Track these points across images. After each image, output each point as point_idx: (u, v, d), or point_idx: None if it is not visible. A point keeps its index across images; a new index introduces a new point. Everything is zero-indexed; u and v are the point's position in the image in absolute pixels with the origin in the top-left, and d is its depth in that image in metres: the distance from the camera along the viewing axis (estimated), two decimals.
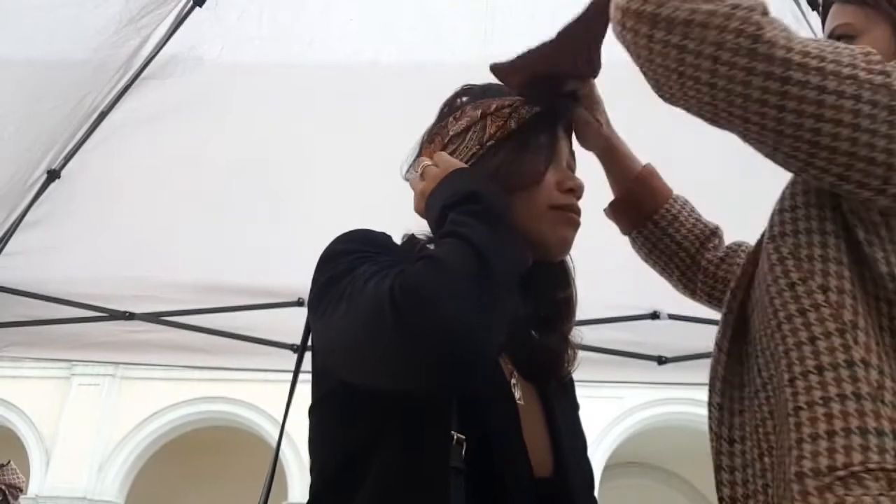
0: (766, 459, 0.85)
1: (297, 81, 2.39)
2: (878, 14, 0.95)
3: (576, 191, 1.05)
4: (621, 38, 0.84)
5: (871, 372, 0.77)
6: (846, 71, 0.76)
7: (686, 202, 1.27)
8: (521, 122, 1.04)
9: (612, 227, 1.33)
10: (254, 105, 2.46)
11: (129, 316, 2.86)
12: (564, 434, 1.04)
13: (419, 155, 1.11)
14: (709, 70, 0.77)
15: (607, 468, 11.26)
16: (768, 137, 0.81)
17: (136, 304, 2.86)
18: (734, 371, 0.92)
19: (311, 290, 0.94)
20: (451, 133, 1.07)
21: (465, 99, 1.10)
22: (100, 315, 2.85)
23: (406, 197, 1.21)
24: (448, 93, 1.15)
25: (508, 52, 1.05)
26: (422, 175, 1.02)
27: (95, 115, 2.35)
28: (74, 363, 10.50)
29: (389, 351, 0.80)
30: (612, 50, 0.97)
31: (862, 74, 0.76)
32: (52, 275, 2.70)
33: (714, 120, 0.82)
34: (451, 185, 0.96)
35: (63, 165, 2.42)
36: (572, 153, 1.11)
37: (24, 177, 2.37)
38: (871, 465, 0.74)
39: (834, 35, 0.99)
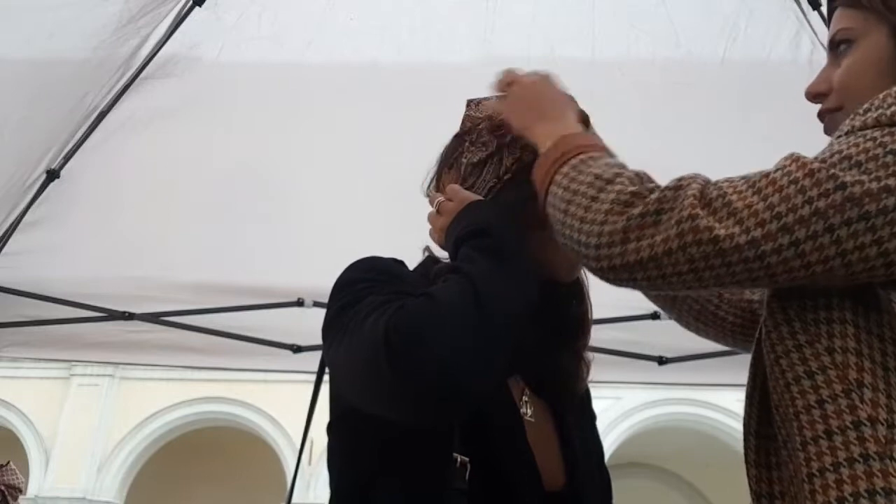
0: None
1: (297, 81, 2.39)
2: (878, 17, 0.95)
3: None
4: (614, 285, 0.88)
5: (879, 429, 0.78)
6: (805, 211, 0.75)
7: None
8: (536, 154, 1.03)
9: None
10: (253, 105, 2.46)
11: (129, 316, 2.85)
12: (578, 446, 1.05)
13: (439, 177, 1.13)
14: (696, 279, 0.81)
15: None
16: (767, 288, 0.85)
17: (136, 304, 2.86)
18: (766, 421, 0.92)
19: (325, 317, 0.96)
20: (465, 163, 1.08)
21: (478, 115, 1.10)
22: (99, 315, 2.84)
23: (404, 197, 1.21)
24: (448, 93, 1.15)
25: (508, 51, 1.04)
26: (438, 211, 1.04)
27: (95, 115, 2.35)
28: (74, 363, 10.52)
29: (385, 387, 0.83)
30: (606, 48, 0.97)
31: (822, 204, 0.75)
32: (51, 275, 2.70)
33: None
34: (464, 219, 0.98)
35: (62, 165, 2.42)
36: None
37: (24, 177, 2.37)
38: None
39: (835, 40, 0.99)
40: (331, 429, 1.03)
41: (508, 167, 1.04)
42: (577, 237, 0.86)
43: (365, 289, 0.93)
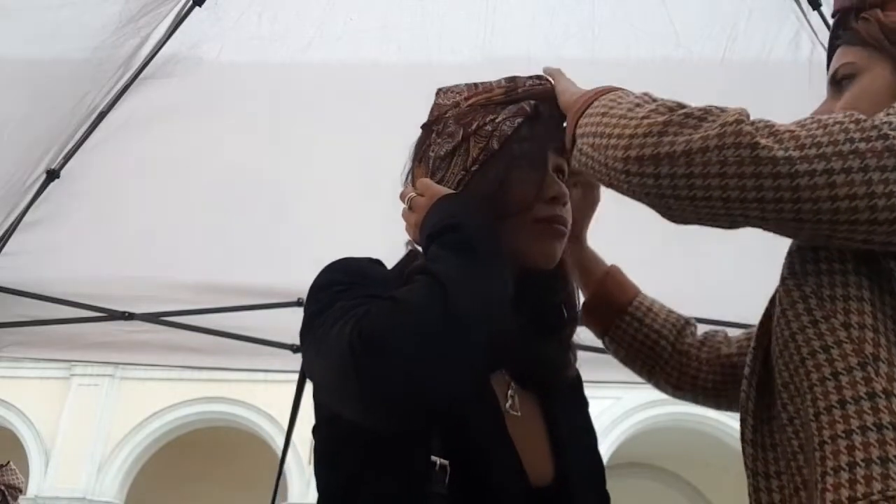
0: (803, 493, 0.87)
1: (297, 81, 2.39)
2: (881, 53, 0.98)
3: (559, 198, 1.03)
4: (629, 186, 0.86)
5: (894, 401, 0.80)
6: (846, 148, 0.78)
7: (654, 299, 1.30)
8: (503, 141, 1.02)
9: (610, 227, 1.32)
10: (253, 105, 2.46)
11: (129, 316, 2.85)
12: (569, 439, 1.03)
13: (412, 171, 1.11)
14: (719, 187, 0.80)
15: (607, 469, 11.20)
16: (788, 227, 0.84)
17: (136, 304, 2.86)
18: (764, 404, 0.93)
19: (302, 321, 0.95)
20: (433, 156, 1.06)
21: (445, 103, 1.09)
22: (99, 315, 2.84)
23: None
24: None
25: (508, 51, 1.04)
26: (410, 207, 1.02)
27: (95, 115, 2.35)
28: (74, 363, 10.50)
29: (355, 394, 0.82)
30: (606, 48, 0.97)
31: (862, 146, 0.78)
32: (51, 275, 2.70)
33: (731, 226, 0.86)
34: (435, 215, 0.96)
35: (62, 165, 2.42)
36: (561, 151, 1.04)
37: (24, 177, 2.37)
38: (891, 493, 0.76)
39: (838, 74, 1.02)
40: (316, 432, 1.01)
41: (475, 157, 1.02)
42: (612, 131, 0.86)
43: (338, 292, 0.91)
